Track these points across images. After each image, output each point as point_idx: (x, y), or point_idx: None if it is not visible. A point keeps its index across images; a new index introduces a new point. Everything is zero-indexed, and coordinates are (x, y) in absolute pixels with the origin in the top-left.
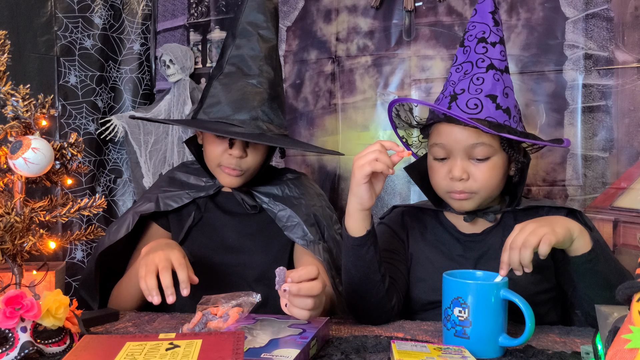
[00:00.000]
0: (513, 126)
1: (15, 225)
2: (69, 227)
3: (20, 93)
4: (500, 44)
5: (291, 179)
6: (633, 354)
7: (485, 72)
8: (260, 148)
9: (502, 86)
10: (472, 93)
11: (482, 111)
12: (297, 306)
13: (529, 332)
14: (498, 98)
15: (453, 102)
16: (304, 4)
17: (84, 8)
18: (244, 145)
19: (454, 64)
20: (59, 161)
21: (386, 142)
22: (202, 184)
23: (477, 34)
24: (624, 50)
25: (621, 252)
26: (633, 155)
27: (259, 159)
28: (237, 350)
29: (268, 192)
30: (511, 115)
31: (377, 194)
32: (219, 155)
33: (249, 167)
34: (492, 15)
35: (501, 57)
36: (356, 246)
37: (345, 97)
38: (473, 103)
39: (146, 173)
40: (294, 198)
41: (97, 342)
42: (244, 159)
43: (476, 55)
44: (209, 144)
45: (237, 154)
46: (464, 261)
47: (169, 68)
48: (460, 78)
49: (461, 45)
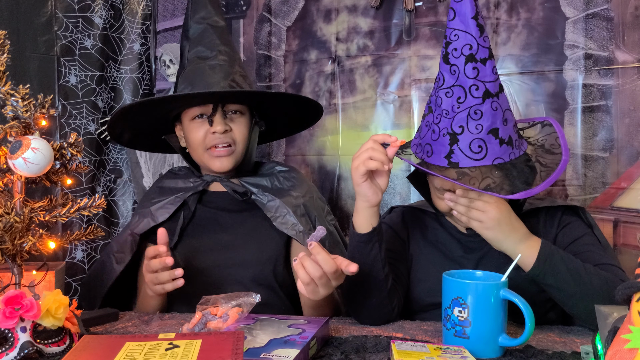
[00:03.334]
0: (517, 155)
1: (15, 225)
2: (68, 227)
3: (20, 93)
4: (490, 58)
5: (280, 171)
6: (633, 354)
7: (482, 102)
8: (241, 119)
9: (500, 114)
10: (473, 132)
11: (487, 155)
12: (305, 267)
13: (529, 332)
14: (499, 131)
15: (454, 144)
16: (304, 3)
17: (84, 8)
18: (222, 118)
19: (441, 86)
20: (59, 161)
21: (379, 136)
22: (190, 184)
23: (462, 48)
24: (624, 50)
25: (621, 252)
26: (633, 155)
27: (244, 131)
28: (236, 350)
29: (257, 184)
30: (513, 143)
31: (382, 190)
32: (203, 138)
33: (237, 140)
34: (475, 21)
35: (494, 77)
36: (361, 243)
37: (345, 97)
38: (477, 145)
39: (146, 173)
40: (283, 190)
41: (97, 342)
42: (230, 133)
43: (468, 80)
44: (190, 133)
45: (220, 128)
46: (465, 262)
47: (169, 68)
48: (454, 108)
49: (445, 61)
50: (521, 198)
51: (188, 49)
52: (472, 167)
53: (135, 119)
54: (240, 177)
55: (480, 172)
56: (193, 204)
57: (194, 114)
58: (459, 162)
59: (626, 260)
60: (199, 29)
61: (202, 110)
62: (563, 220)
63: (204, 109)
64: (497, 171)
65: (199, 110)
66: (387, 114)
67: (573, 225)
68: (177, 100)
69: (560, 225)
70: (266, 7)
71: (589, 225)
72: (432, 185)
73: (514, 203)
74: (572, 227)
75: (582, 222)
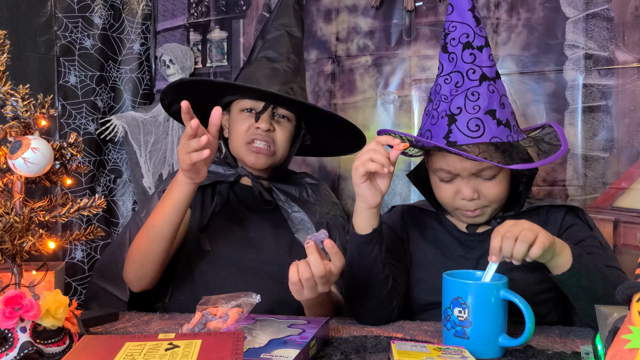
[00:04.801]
0: (514, 139)
1: (14, 225)
2: (68, 227)
3: (20, 93)
4: (487, 46)
5: (310, 183)
6: (633, 354)
7: (479, 85)
8: (287, 125)
9: (497, 97)
10: (471, 112)
11: (484, 133)
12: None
13: (529, 332)
14: (497, 112)
15: (452, 124)
16: (304, 3)
17: (84, 8)
18: (270, 117)
19: (440, 73)
20: (59, 161)
21: (382, 138)
22: (222, 171)
23: (460, 37)
24: (624, 50)
25: (621, 252)
26: (633, 155)
27: (286, 135)
28: (236, 351)
29: (286, 191)
30: (511, 127)
31: (383, 192)
32: (246, 132)
33: (277, 142)
34: (471, 13)
35: (490, 63)
36: (361, 244)
37: (345, 97)
38: (474, 124)
39: (146, 173)
40: (309, 203)
41: (97, 342)
42: (272, 133)
43: (465, 65)
44: (235, 123)
45: (264, 126)
46: (464, 261)
47: (169, 68)
48: (452, 92)
49: (444, 50)
50: (520, 169)
51: (260, 48)
52: (470, 144)
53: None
54: (272, 181)
55: (477, 149)
56: (225, 192)
57: (244, 106)
58: (457, 140)
59: (626, 260)
60: (276, 33)
61: (253, 105)
62: (566, 221)
63: (255, 104)
64: (495, 152)
65: (250, 104)
66: (387, 114)
67: (577, 226)
68: (232, 88)
69: (563, 226)
70: (266, 7)
71: (589, 226)
72: (433, 174)
73: (514, 203)
74: (576, 229)
75: (584, 224)
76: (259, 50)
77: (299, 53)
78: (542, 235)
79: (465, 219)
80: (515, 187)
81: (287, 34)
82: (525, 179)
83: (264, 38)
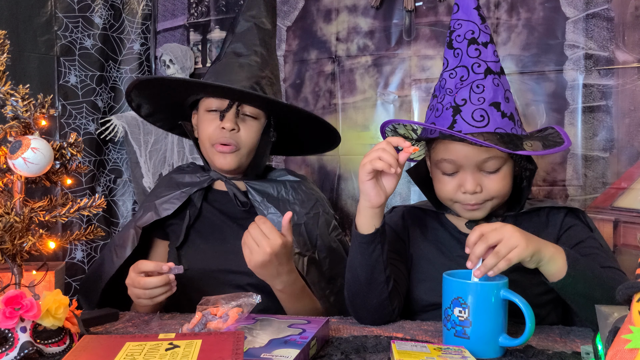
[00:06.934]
0: (518, 132)
1: (14, 225)
2: (68, 227)
3: (20, 93)
4: (492, 43)
5: (290, 181)
6: (633, 354)
7: (484, 78)
8: (253, 123)
9: (502, 91)
10: (475, 103)
11: (489, 123)
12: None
13: (529, 332)
14: (501, 105)
15: (457, 114)
16: (304, 3)
17: (84, 8)
18: (235, 116)
19: (445, 68)
20: (59, 161)
21: (393, 139)
22: (196, 179)
23: (465, 34)
24: (625, 50)
25: (621, 252)
26: (633, 155)
27: (252, 135)
28: (236, 351)
29: (263, 191)
30: (515, 120)
31: (387, 193)
32: (212, 133)
33: (242, 143)
34: (477, 11)
35: (495, 59)
36: (363, 244)
37: (345, 97)
38: (479, 115)
39: (146, 173)
40: (287, 202)
41: (97, 342)
42: (237, 134)
43: (470, 59)
44: (202, 124)
45: (228, 125)
46: (465, 261)
47: (169, 68)
48: (457, 85)
49: (449, 46)
50: (524, 154)
51: (229, 43)
52: (474, 134)
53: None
54: (247, 181)
55: (482, 137)
56: (199, 201)
57: (210, 106)
58: (461, 129)
59: (626, 260)
60: (245, 25)
61: (218, 105)
62: (566, 222)
63: (220, 103)
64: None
65: (215, 104)
66: (387, 114)
67: (577, 227)
68: (191, 85)
69: (563, 227)
70: None
71: (589, 228)
72: (435, 167)
73: (514, 203)
74: (576, 230)
75: (584, 225)
76: (228, 44)
77: (268, 45)
78: (519, 249)
79: (464, 213)
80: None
81: (255, 26)
82: (527, 177)
83: (233, 32)
